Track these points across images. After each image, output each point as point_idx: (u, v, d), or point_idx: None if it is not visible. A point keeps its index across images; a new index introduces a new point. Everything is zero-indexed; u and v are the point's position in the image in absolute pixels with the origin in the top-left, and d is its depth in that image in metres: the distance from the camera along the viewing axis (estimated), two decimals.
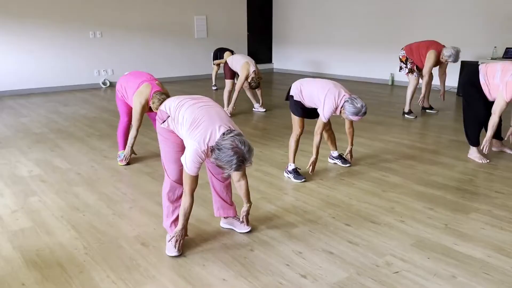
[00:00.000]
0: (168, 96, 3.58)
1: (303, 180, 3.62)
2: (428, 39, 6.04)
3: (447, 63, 5.75)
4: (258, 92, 6.42)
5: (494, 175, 3.73)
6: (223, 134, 2.19)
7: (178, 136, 2.44)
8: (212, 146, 2.19)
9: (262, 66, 11.37)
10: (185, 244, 2.56)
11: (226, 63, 6.22)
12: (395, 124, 5.62)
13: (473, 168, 3.90)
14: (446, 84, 6.22)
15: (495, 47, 7.22)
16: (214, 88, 8.65)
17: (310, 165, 3.64)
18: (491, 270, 2.30)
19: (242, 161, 2.14)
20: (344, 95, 3.37)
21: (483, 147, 3.93)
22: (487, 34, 7.46)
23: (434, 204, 3.13)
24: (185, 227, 2.45)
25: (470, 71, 4.15)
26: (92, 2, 8.76)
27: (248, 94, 6.51)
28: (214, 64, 8.34)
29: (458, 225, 2.81)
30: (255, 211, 3.01)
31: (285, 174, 3.75)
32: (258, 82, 5.81)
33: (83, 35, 8.79)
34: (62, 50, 8.62)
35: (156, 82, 3.88)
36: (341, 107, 3.37)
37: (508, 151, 4.31)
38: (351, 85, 9.04)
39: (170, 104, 2.45)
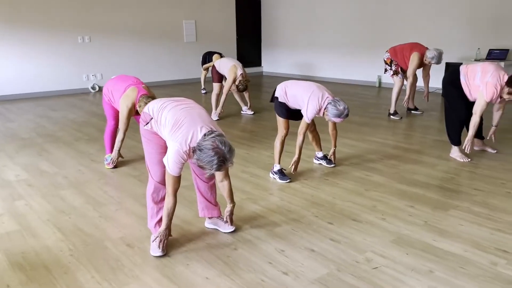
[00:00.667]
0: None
1: (288, 180, 3.67)
2: (411, 41, 6.15)
3: (431, 65, 5.85)
4: (246, 95, 6.48)
5: (475, 173, 3.82)
6: (204, 135, 2.24)
7: (161, 137, 2.49)
8: (194, 147, 2.24)
9: (251, 70, 11.46)
10: (170, 244, 2.59)
11: (213, 66, 6.27)
12: (381, 125, 5.70)
13: (455, 167, 3.98)
14: (430, 85, 6.34)
15: (478, 48, 7.36)
16: (203, 91, 8.69)
17: (292, 165, 3.70)
18: (467, 264, 2.37)
19: (223, 161, 2.18)
20: (328, 97, 3.44)
21: (465, 147, 4.02)
22: (470, 36, 7.60)
23: (415, 202, 3.20)
24: (169, 227, 2.48)
25: (451, 72, 4.25)
26: (80, 7, 8.78)
27: (236, 97, 6.57)
28: (203, 68, 8.39)
29: (438, 222, 2.88)
30: (240, 211, 3.06)
31: (271, 175, 3.80)
32: (246, 85, 5.87)
33: (71, 40, 8.80)
34: (50, 55, 8.61)
35: (143, 85, 3.92)
36: (324, 109, 3.43)
37: (490, 150, 4.40)
38: (339, 87, 9.14)
39: (153, 106, 2.49)
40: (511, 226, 2.80)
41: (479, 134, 4.39)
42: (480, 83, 3.90)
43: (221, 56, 7.90)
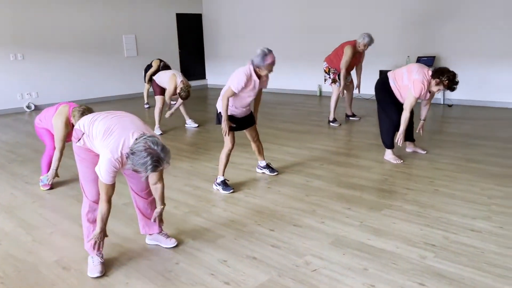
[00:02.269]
0: (90, 111, 3.55)
1: (231, 191, 3.70)
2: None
3: (366, 48, 5.87)
4: (184, 108, 6.48)
5: (407, 173, 4.05)
6: (136, 139, 2.21)
7: (95, 155, 2.43)
8: (127, 153, 2.19)
9: (196, 82, 11.45)
10: (109, 264, 2.53)
11: (154, 80, 6.22)
12: (321, 132, 5.90)
13: (389, 169, 4.20)
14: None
15: (408, 56, 7.84)
16: (146, 106, 8.55)
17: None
18: (398, 260, 2.51)
19: (157, 161, 2.14)
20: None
21: (397, 140, 4.23)
22: (400, 45, 8.08)
23: (352, 204, 3.34)
24: (103, 230, 2.42)
25: (381, 78, 4.51)
26: (11, 23, 8.37)
27: (181, 109, 6.54)
28: (145, 82, 8.29)
29: (372, 221, 3.02)
30: (183, 225, 3.04)
31: (214, 187, 3.82)
32: (188, 91, 5.82)
33: (2, 58, 8.36)
34: None
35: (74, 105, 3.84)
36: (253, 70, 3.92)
37: (420, 151, 4.69)
38: (282, 97, 9.35)
39: (84, 122, 2.45)
40: (439, 221, 3.00)
41: (410, 137, 4.66)
42: (408, 82, 4.16)
43: (160, 61, 7.91)
